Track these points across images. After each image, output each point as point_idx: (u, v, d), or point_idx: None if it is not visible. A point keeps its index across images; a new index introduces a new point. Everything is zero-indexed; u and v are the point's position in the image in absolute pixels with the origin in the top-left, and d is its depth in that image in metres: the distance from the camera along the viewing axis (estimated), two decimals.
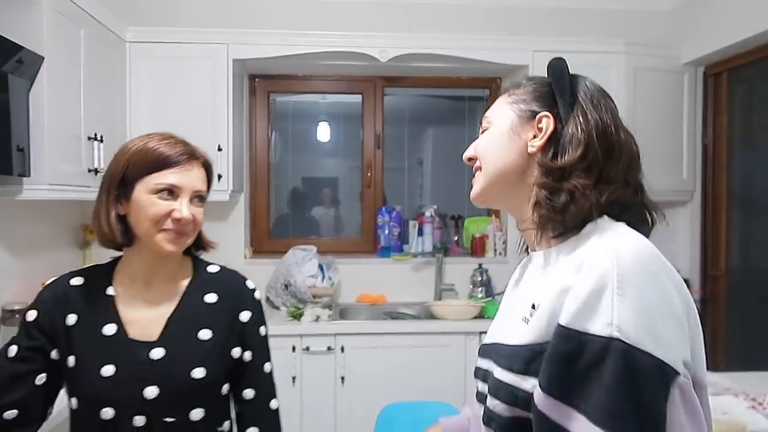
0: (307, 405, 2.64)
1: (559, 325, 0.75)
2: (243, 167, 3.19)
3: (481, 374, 0.94)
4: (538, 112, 0.91)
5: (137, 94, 2.73)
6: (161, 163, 1.10)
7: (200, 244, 1.23)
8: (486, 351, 0.94)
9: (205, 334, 1.15)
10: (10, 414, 1.07)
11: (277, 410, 1.23)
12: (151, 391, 1.08)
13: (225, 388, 1.17)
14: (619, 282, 0.72)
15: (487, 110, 1.00)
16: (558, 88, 0.91)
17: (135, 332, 1.12)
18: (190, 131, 1.25)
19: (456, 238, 3.51)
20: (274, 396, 1.23)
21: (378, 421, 1.94)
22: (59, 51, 2.10)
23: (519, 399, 0.79)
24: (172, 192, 1.10)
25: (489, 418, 0.85)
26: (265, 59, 2.88)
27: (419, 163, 3.85)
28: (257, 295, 1.25)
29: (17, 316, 2.18)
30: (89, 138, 2.31)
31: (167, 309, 1.16)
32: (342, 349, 2.65)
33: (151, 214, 1.09)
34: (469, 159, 0.98)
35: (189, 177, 1.12)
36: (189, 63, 2.77)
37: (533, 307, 0.83)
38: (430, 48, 2.92)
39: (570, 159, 0.85)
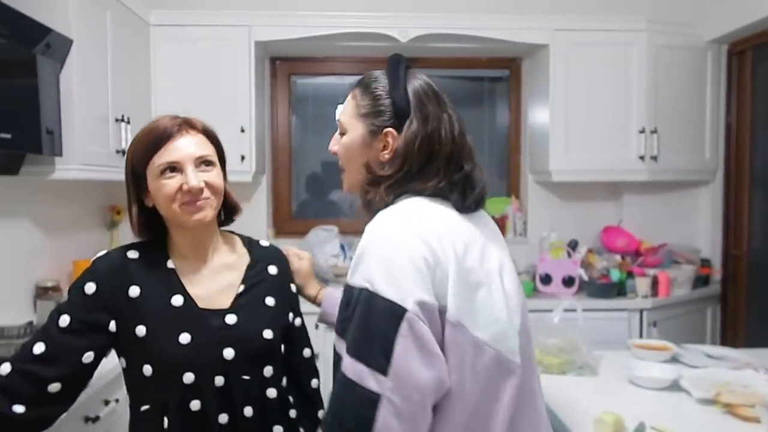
0: (330, 382, 2.68)
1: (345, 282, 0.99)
2: (265, 149, 3.23)
3: None
4: (384, 127, 1.05)
5: (161, 77, 2.77)
6: (156, 142, 1.13)
7: (230, 206, 1.27)
8: None
9: (270, 300, 1.25)
10: (54, 387, 1.09)
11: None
12: (228, 353, 1.15)
13: (283, 347, 1.27)
14: (370, 246, 0.95)
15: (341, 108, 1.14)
16: (397, 104, 1.05)
17: (204, 302, 1.18)
18: (213, 113, 1.29)
19: None
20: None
21: None
22: (87, 34, 2.14)
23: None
24: (175, 168, 1.13)
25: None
26: (286, 41, 2.90)
27: None
28: None
29: (50, 292, 2.26)
30: (116, 120, 2.36)
31: (231, 279, 1.23)
32: None
33: (165, 195, 1.13)
34: (333, 153, 1.15)
35: (185, 146, 1.14)
36: (211, 45, 2.80)
37: None
38: (450, 27, 2.92)
39: (389, 172, 1.04)
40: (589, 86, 2.96)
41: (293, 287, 1.34)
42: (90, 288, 1.14)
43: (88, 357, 1.12)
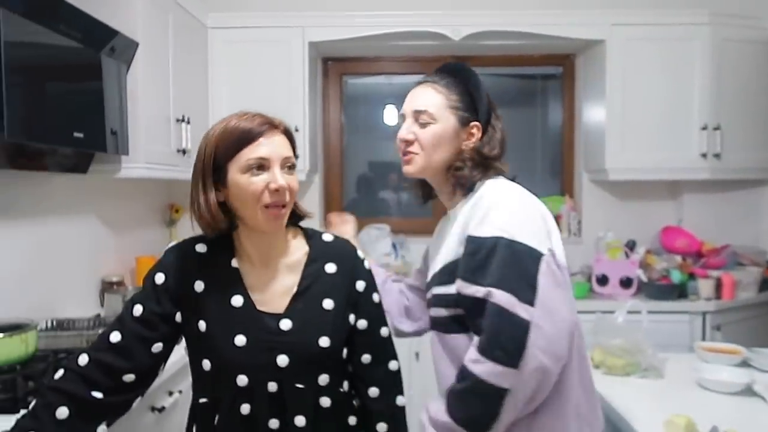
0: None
1: (468, 235, 1.17)
2: (317, 149, 3.27)
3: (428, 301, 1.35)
4: (471, 120, 1.29)
5: (218, 78, 2.84)
6: (245, 138, 1.10)
7: (297, 213, 1.24)
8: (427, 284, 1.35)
9: (328, 303, 1.18)
10: (128, 378, 1.12)
11: (396, 371, 1.25)
12: (282, 360, 1.12)
13: (344, 352, 1.21)
14: (497, 204, 1.17)
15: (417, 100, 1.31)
16: (479, 102, 1.29)
17: (262, 304, 1.16)
18: (268, 113, 1.27)
19: None
20: (393, 358, 1.25)
21: None
22: (150, 36, 2.21)
23: (448, 301, 1.22)
24: (262, 166, 1.10)
25: (434, 323, 1.31)
26: (338, 41, 2.92)
27: None
28: (367, 264, 1.27)
29: (115, 287, 2.34)
30: (177, 120, 2.43)
31: (290, 281, 1.18)
32: None
33: (251, 192, 1.09)
34: (407, 141, 1.29)
35: (274, 146, 1.12)
36: (266, 47, 2.85)
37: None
38: (503, 25, 2.89)
39: (495, 153, 1.29)
40: (648, 82, 2.87)
41: (359, 285, 1.22)
42: (159, 278, 1.16)
43: (158, 347, 1.15)
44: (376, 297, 1.25)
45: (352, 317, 1.21)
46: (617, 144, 2.89)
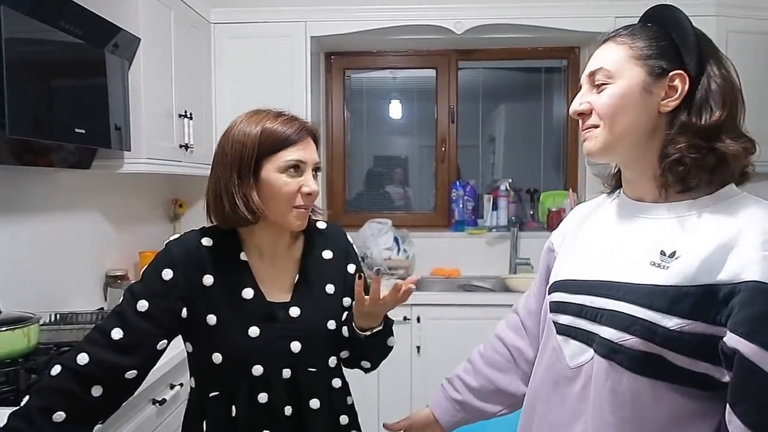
0: (384, 373, 2.68)
1: (760, 281, 0.80)
2: (321, 143, 3.26)
3: (575, 309, 0.99)
4: (669, 70, 0.92)
5: (221, 73, 2.85)
6: (286, 141, 1.14)
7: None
8: (588, 287, 0.97)
9: (330, 288, 1.25)
10: (131, 374, 1.11)
11: (391, 321, 1.28)
12: (295, 346, 1.17)
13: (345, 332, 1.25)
14: None
15: (594, 59, 0.99)
16: (683, 43, 0.93)
17: (269, 295, 1.19)
18: (272, 107, 1.28)
19: (531, 212, 3.46)
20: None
21: None
22: (153, 32, 2.23)
23: (657, 335, 0.86)
24: (297, 167, 1.14)
25: (612, 350, 0.90)
26: (340, 36, 2.92)
27: (491, 140, 3.81)
28: (355, 247, 1.36)
29: (119, 281, 2.37)
30: (180, 115, 2.44)
31: (294, 271, 1.24)
32: (418, 319, 2.71)
33: (285, 192, 1.13)
34: (580, 114, 0.98)
35: (310, 151, 1.17)
36: (269, 42, 2.86)
37: (666, 254, 0.89)
38: (506, 18, 2.87)
39: (716, 119, 0.89)
40: None
41: (350, 268, 1.29)
42: (167, 274, 1.14)
43: (162, 344, 1.15)
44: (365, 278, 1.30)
45: (347, 299, 1.27)
46: None
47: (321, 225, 1.32)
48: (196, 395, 1.21)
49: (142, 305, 1.12)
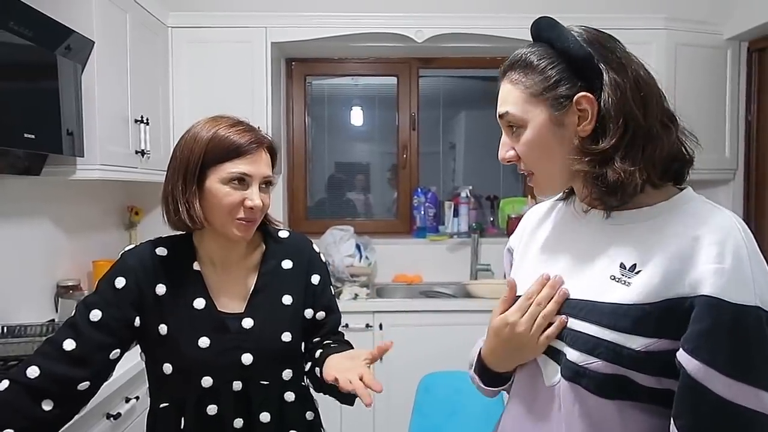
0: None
1: (710, 296, 0.77)
2: (281, 150, 3.24)
3: None
4: (572, 96, 0.86)
5: (179, 78, 2.79)
6: (234, 152, 1.12)
7: (266, 221, 1.27)
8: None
9: (287, 299, 1.22)
10: (83, 386, 1.09)
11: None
12: (247, 358, 1.15)
13: (302, 346, 1.24)
14: (750, 254, 0.79)
15: (499, 103, 0.95)
16: (572, 61, 0.87)
17: (222, 305, 1.17)
18: (230, 113, 1.26)
19: (492, 218, 3.51)
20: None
21: (418, 389, 1.99)
22: (107, 36, 2.17)
23: (624, 357, 0.82)
24: (242, 180, 1.12)
25: (577, 373, 0.86)
26: (301, 42, 2.91)
27: (451, 147, 3.86)
28: (322, 257, 1.33)
29: (71, 291, 2.28)
30: (136, 120, 2.38)
31: (249, 281, 1.22)
32: (380, 326, 2.70)
33: (226, 204, 1.12)
34: (509, 162, 0.95)
35: (259, 165, 1.14)
36: (228, 47, 2.82)
37: (626, 267, 0.85)
38: (465, 27, 2.91)
39: (610, 141, 0.84)
40: None
41: (314, 279, 1.26)
42: (120, 282, 1.14)
43: (116, 354, 1.13)
44: (331, 289, 1.31)
45: (309, 311, 1.25)
46: None
47: (283, 234, 1.30)
48: (150, 407, 1.20)
49: (95, 315, 1.11)
